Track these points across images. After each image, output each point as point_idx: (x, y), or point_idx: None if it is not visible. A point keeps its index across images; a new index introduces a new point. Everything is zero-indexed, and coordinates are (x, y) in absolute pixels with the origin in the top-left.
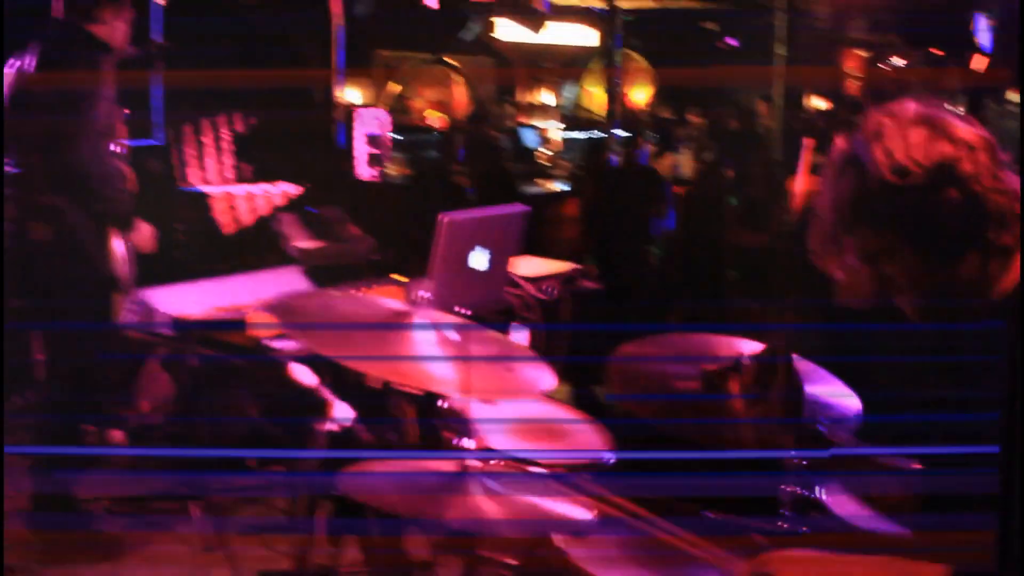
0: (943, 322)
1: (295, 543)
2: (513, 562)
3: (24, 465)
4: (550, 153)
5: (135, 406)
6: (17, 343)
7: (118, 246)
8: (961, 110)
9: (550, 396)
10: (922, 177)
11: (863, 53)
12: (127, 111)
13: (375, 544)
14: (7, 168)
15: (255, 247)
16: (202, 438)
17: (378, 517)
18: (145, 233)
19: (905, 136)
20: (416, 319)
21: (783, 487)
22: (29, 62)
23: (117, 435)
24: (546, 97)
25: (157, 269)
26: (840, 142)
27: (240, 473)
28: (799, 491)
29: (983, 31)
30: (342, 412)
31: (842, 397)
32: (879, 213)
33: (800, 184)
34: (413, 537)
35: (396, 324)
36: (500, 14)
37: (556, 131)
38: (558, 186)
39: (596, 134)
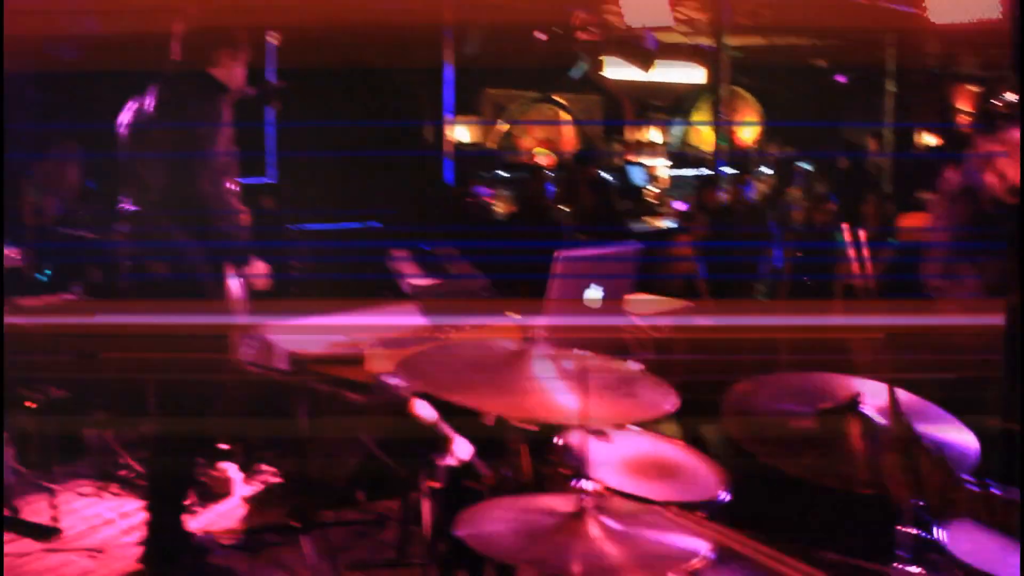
0: None
1: None
2: None
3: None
4: (657, 190)
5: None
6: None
7: (233, 282)
8: None
9: (664, 432)
10: None
11: (974, 88)
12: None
13: None
14: (126, 206)
15: (369, 284)
16: (317, 472)
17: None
18: (260, 270)
19: (1016, 159)
20: (533, 355)
21: (901, 527)
22: (148, 103)
23: (228, 467)
24: (654, 134)
25: (274, 305)
26: (952, 173)
27: (353, 508)
28: (918, 532)
29: None
30: (462, 449)
31: (959, 435)
32: (997, 233)
33: (910, 219)
34: None
35: (514, 363)
36: (609, 53)
37: (664, 168)
38: (666, 223)
39: (704, 171)
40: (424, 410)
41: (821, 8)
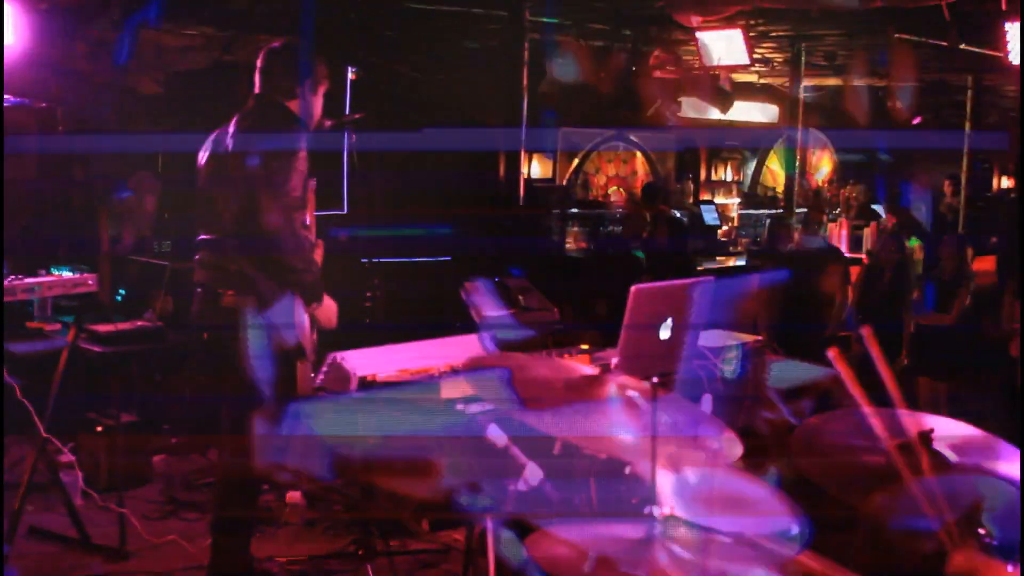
0: None
1: None
2: None
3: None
4: (729, 229)
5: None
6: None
7: (302, 317)
8: None
9: (735, 466)
10: None
11: None
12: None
13: None
14: (202, 236)
15: (443, 315)
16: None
17: None
18: (329, 308)
19: None
20: (607, 385)
21: None
22: (228, 134)
23: (295, 495)
24: (727, 174)
25: (348, 336)
26: None
27: (419, 537)
28: None
29: None
30: (533, 474)
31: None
32: None
33: (982, 263)
34: None
35: (588, 390)
36: (686, 92)
37: (737, 208)
38: (739, 263)
39: (776, 211)
40: (496, 434)
41: (899, 53)
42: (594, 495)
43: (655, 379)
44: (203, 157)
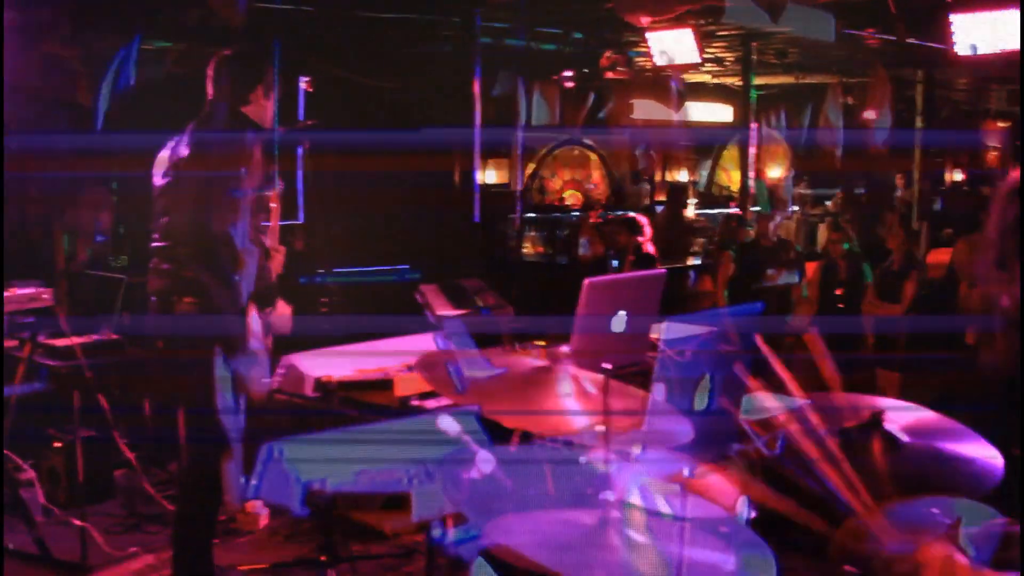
0: None
1: None
2: None
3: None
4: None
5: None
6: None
7: (256, 322)
8: None
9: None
10: None
11: (1002, 124)
12: (275, 191)
13: None
14: (155, 244)
15: (398, 318)
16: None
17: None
18: (284, 314)
19: None
20: (557, 373)
21: None
22: (183, 140)
23: (255, 503)
24: (683, 175)
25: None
26: (1013, 173)
27: (381, 541)
28: None
29: None
30: (485, 462)
31: (987, 456)
32: None
33: (936, 255)
34: None
35: (539, 380)
36: (639, 94)
37: (693, 208)
38: (695, 261)
39: (731, 210)
40: (448, 424)
41: (846, 48)
42: (550, 484)
43: (606, 365)
44: (158, 165)
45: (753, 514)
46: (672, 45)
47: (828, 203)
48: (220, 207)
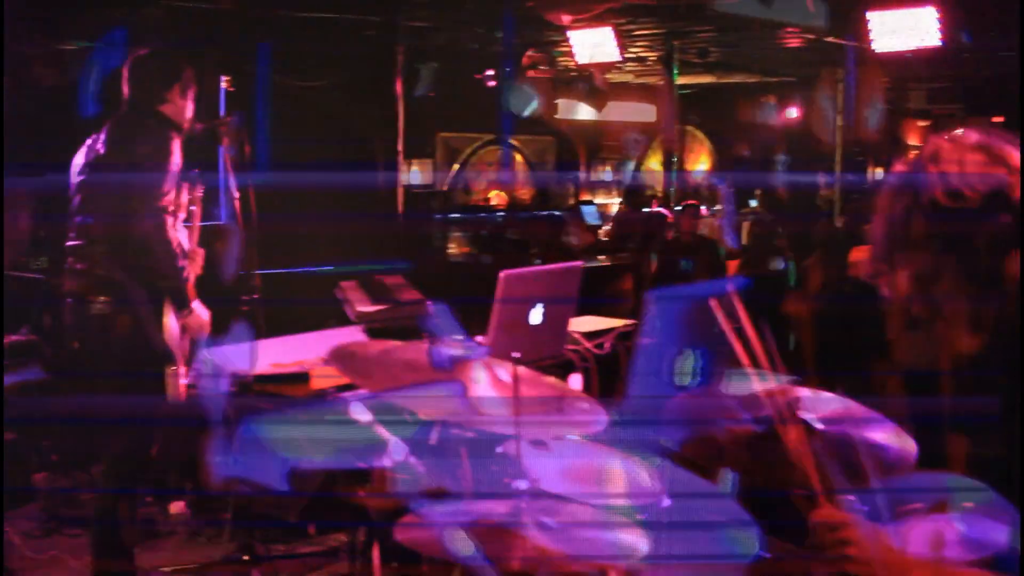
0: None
1: None
2: None
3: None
4: (610, 228)
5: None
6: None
7: (172, 323)
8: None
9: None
10: (975, 201)
11: (923, 123)
12: (197, 191)
13: None
14: (73, 243)
15: (319, 316)
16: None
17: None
18: (201, 317)
19: (962, 160)
20: (472, 363)
21: None
22: (100, 139)
23: (178, 505)
24: (607, 174)
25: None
26: (899, 165)
27: (305, 540)
28: None
29: None
30: (397, 450)
31: (897, 440)
32: (930, 235)
33: (858, 253)
34: None
35: (452, 366)
36: (561, 93)
37: (617, 207)
38: (619, 258)
39: (655, 208)
40: (359, 412)
41: (769, 46)
42: (467, 472)
43: (515, 355)
44: (76, 165)
45: (736, 487)
46: (593, 43)
47: (753, 203)
48: (138, 208)
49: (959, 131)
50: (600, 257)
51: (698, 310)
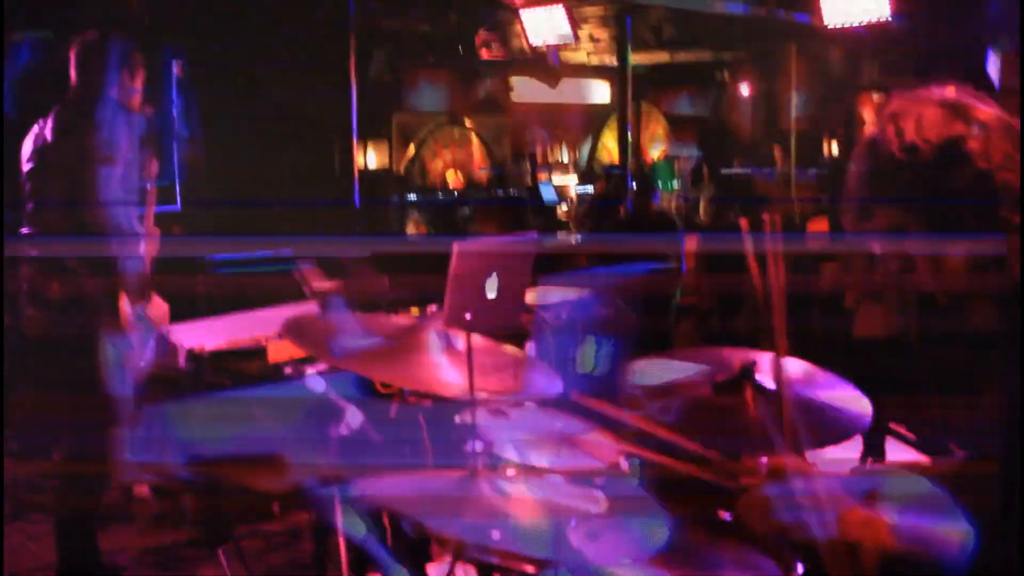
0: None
1: None
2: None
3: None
4: (568, 207)
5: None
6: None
7: (127, 307)
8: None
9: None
10: (930, 154)
11: (876, 96)
12: (150, 175)
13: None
14: (26, 231)
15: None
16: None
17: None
18: (160, 308)
19: (920, 116)
20: (426, 332)
21: None
22: (48, 125)
23: (143, 488)
24: (563, 154)
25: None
26: (869, 125)
27: (269, 520)
28: None
29: (995, 68)
30: (354, 418)
31: (852, 401)
32: (892, 190)
33: (815, 224)
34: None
35: (407, 338)
36: (516, 72)
37: (573, 186)
38: (577, 237)
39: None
40: (315, 382)
41: (721, 22)
42: (426, 440)
43: (480, 331)
44: (25, 152)
45: (637, 471)
46: (546, 22)
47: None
48: (88, 193)
49: (922, 88)
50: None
51: (600, 296)
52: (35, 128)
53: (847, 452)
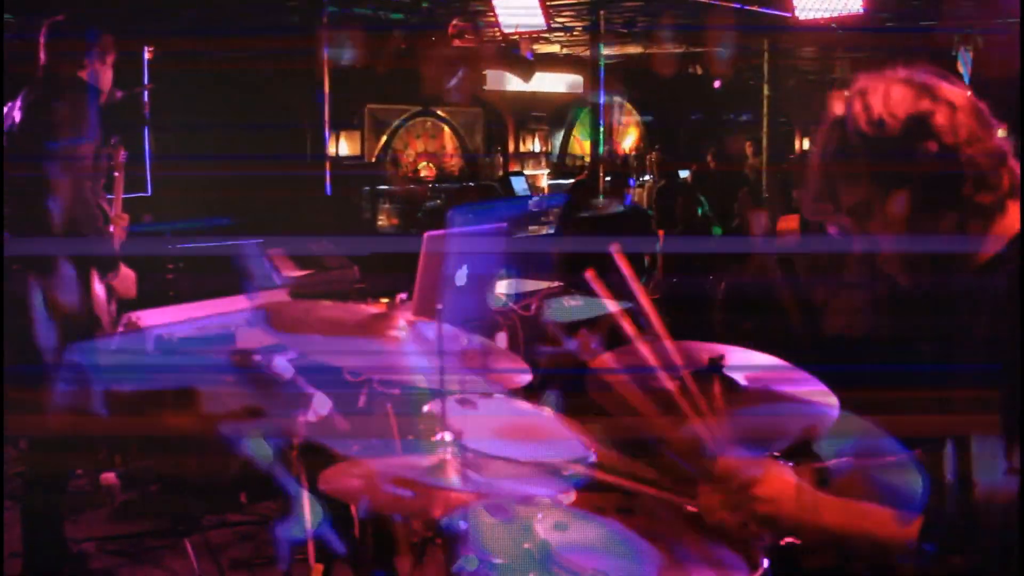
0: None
1: None
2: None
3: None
4: (539, 199)
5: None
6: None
7: (98, 287)
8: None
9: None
10: (896, 129)
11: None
12: (119, 157)
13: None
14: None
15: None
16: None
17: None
18: (127, 278)
19: (887, 92)
20: (395, 320)
21: None
22: (15, 106)
23: (109, 476)
24: (535, 145)
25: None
26: (836, 105)
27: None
28: None
29: (966, 65)
30: (321, 404)
31: (821, 396)
32: (858, 165)
33: (790, 221)
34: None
35: (376, 326)
36: (489, 65)
37: (546, 178)
38: (549, 231)
39: (583, 179)
40: (282, 367)
41: (695, 15)
42: (394, 427)
43: (439, 306)
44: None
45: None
46: (518, 11)
47: (685, 173)
48: (56, 173)
49: (890, 68)
50: (531, 228)
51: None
52: (4, 108)
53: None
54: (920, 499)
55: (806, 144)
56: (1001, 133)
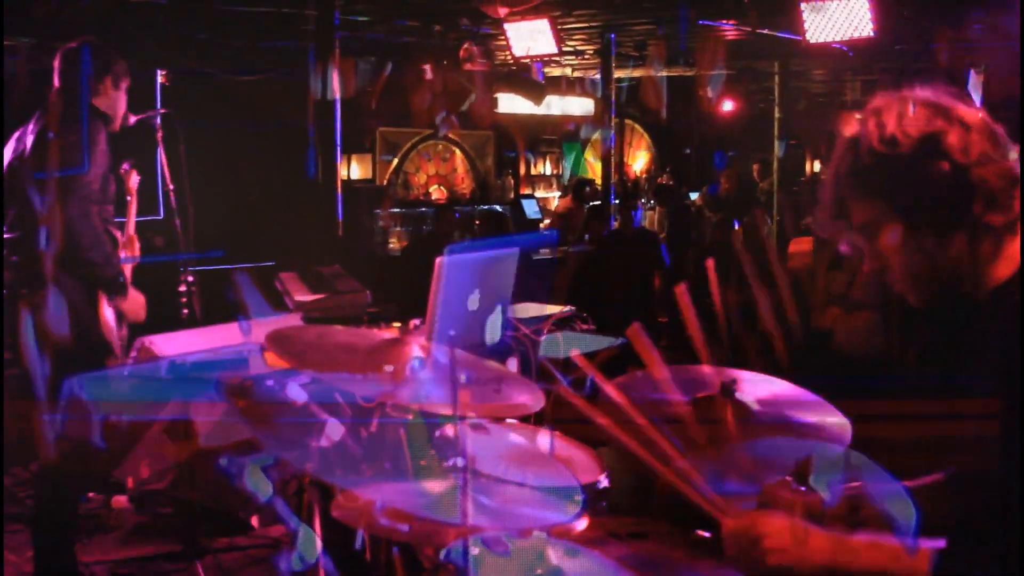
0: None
1: None
2: None
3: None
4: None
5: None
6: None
7: (109, 313)
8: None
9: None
10: (908, 147)
11: (858, 114)
12: (132, 182)
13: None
14: (8, 235)
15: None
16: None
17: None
18: (136, 301)
19: (902, 112)
20: (409, 347)
21: None
22: (28, 131)
23: (121, 499)
24: (547, 168)
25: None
26: (849, 129)
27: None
28: None
29: (975, 88)
30: (334, 431)
31: (833, 421)
32: (870, 183)
33: (796, 244)
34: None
35: (388, 351)
36: (500, 88)
37: (556, 200)
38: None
39: (594, 203)
40: (295, 393)
41: (706, 39)
42: (407, 454)
43: (463, 345)
44: (7, 157)
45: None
46: (530, 36)
47: (695, 196)
48: (66, 197)
49: (906, 88)
50: (543, 250)
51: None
52: (17, 132)
53: None
54: (914, 529)
55: (817, 167)
56: (1014, 155)
